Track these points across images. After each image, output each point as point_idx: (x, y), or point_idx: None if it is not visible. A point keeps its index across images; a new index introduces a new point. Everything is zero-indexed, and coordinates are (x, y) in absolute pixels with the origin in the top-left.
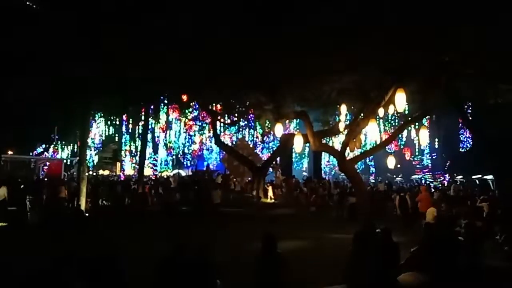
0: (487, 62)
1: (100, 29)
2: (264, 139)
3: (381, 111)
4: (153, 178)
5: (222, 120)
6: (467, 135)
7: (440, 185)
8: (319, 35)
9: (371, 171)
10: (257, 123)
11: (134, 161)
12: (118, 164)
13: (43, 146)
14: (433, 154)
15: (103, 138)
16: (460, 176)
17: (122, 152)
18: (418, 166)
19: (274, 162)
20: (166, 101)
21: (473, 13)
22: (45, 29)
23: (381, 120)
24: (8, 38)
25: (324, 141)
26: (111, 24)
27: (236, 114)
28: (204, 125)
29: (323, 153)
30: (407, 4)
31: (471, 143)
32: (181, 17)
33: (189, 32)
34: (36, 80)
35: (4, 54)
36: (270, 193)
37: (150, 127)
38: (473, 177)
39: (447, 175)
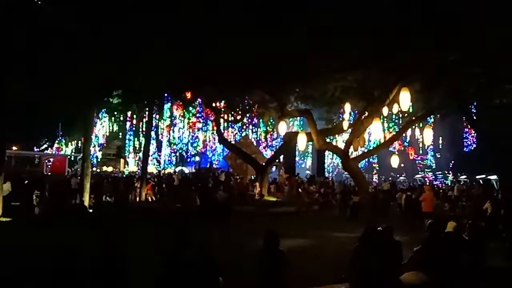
0: (492, 62)
1: (103, 27)
2: (268, 137)
3: (385, 110)
4: (156, 175)
5: (225, 117)
6: (471, 135)
7: (443, 185)
8: (322, 34)
9: (374, 171)
10: (260, 121)
11: (137, 157)
12: (122, 160)
13: (48, 142)
14: (437, 154)
15: (107, 134)
16: (464, 176)
17: (126, 149)
18: (422, 165)
19: (277, 160)
20: (170, 99)
21: (478, 13)
22: (49, 26)
23: (385, 119)
24: (12, 36)
25: (327, 140)
26: (115, 22)
27: (239, 112)
28: (208, 122)
29: (326, 151)
30: (412, 4)
31: (475, 143)
32: (185, 16)
33: (194, 30)
34: (40, 77)
35: (8, 51)
36: (257, 190)
37: (154, 124)
38: (477, 177)
39: (450, 175)
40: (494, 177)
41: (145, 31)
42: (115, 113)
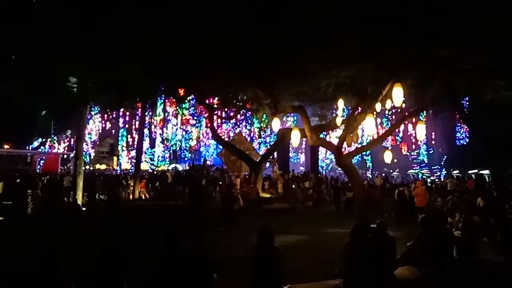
0: (486, 58)
1: (98, 24)
2: (261, 133)
3: (378, 106)
4: (150, 172)
5: (219, 114)
6: (464, 130)
7: (437, 180)
8: (317, 30)
9: (368, 166)
10: (254, 117)
11: (130, 155)
12: (115, 158)
13: (40, 140)
14: (430, 149)
15: (100, 132)
16: (457, 171)
17: (119, 147)
18: (415, 160)
19: (271, 157)
20: (163, 95)
21: (472, 9)
22: (42, 23)
23: (378, 115)
24: (4, 32)
25: (321, 136)
26: (109, 19)
27: (233, 109)
28: (201, 119)
29: (320, 148)
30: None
31: (467, 138)
32: (180, 12)
33: (188, 27)
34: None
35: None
36: (238, 186)
37: (147, 121)
38: (470, 172)
39: (443, 170)
40: (486, 171)
41: (142, 29)
42: (108, 110)
